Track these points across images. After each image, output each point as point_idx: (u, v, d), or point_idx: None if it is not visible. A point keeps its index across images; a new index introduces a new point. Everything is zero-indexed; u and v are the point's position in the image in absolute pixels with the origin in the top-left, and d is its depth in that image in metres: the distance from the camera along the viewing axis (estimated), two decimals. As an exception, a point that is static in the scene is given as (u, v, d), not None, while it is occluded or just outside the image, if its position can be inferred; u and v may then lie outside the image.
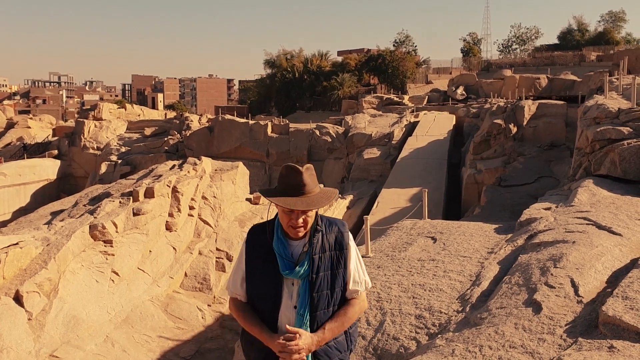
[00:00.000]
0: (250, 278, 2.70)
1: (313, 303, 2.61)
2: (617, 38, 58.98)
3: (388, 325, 5.07)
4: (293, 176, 2.58)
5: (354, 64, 53.05)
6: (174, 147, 30.27)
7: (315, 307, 2.62)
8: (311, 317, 2.62)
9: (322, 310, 2.64)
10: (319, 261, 2.64)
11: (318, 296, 2.62)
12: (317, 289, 2.62)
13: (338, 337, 2.70)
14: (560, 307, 4.14)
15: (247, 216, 12.46)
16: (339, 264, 2.69)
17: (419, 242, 7.59)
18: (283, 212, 2.60)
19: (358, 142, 26.19)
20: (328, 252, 2.67)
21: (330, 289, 2.66)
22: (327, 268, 2.65)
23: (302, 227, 2.60)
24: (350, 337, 2.78)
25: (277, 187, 2.62)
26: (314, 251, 2.63)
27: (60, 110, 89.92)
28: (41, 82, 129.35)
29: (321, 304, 2.64)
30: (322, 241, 2.67)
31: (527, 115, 20.62)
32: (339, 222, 2.81)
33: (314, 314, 2.62)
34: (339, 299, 2.70)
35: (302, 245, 2.65)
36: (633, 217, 6.50)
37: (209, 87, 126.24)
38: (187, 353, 8.24)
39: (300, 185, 2.57)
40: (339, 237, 2.71)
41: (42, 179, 28.10)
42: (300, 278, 2.62)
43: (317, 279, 2.62)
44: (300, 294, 2.61)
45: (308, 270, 2.61)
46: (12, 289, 7.02)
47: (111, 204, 9.56)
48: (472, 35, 67.13)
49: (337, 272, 2.68)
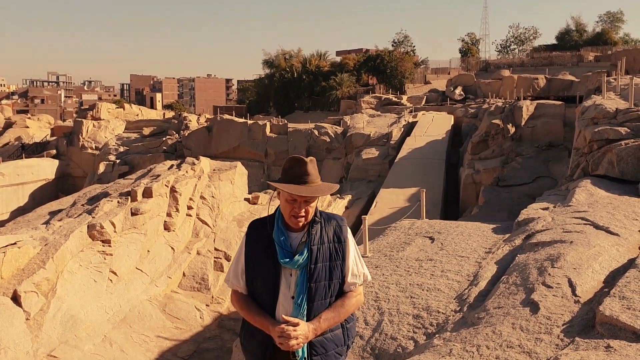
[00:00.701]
0: (249, 269, 2.76)
1: (310, 293, 2.66)
2: (615, 38, 59.03)
3: (386, 325, 5.08)
4: (298, 166, 2.67)
5: (352, 64, 53.03)
6: (172, 147, 30.24)
7: (313, 297, 2.67)
8: (308, 308, 2.66)
9: (319, 300, 2.69)
10: (318, 252, 2.70)
11: (315, 287, 2.67)
12: (315, 280, 2.68)
13: (335, 330, 2.74)
14: (558, 306, 4.15)
15: (246, 216, 12.46)
16: (337, 256, 2.75)
17: (417, 242, 7.60)
18: (286, 202, 2.68)
19: (356, 142, 26.19)
20: (327, 243, 2.74)
21: (327, 280, 2.71)
22: (325, 259, 2.71)
23: (303, 217, 2.68)
24: (348, 332, 2.82)
25: (282, 178, 2.70)
26: (312, 242, 2.70)
27: (59, 110, 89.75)
28: (39, 81, 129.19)
29: (318, 295, 2.68)
30: (320, 233, 2.74)
31: (525, 115, 20.65)
32: (338, 216, 2.89)
33: (311, 304, 2.67)
34: (336, 290, 2.75)
35: (300, 237, 2.72)
36: (630, 217, 6.51)
37: (207, 87, 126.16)
38: (185, 353, 8.24)
39: (304, 174, 2.66)
40: (338, 230, 2.78)
41: (40, 178, 28.05)
42: (298, 268, 2.67)
43: (315, 269, 2.68)
44: (298, 284, 2.67)
45: (307, 260, 2.67)
46: (10, 288, 7.01)
47: (109, 204, 9.56)
48: (471, 35, 67.14)
49: (335, 264, 2.73)
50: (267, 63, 58.39)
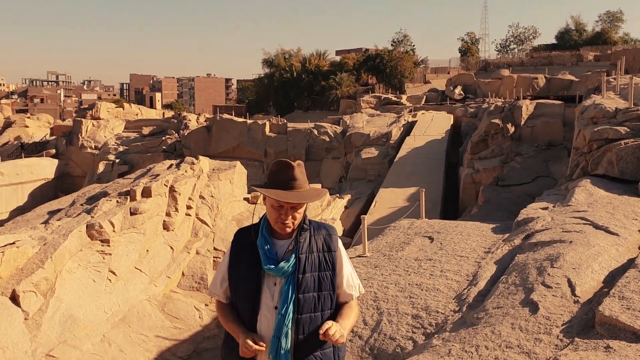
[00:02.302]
0: (231, 277, 2.63)
1: (299, 305, 2.51)
2: (615, 38, 59.08)
3: (385, 325, 5.07)
4: (284, 171, 2.54)
5: (352, 63, 53.02)
6: (171, 146, 30.24)
7: (301, 309, 2.51)
8: (296, 320, 2.50)
9: (308, 313, 2.53)
10: (306, 261, 2.55)
11: (304, 298, 2.52)
12: (303, 290, 2.52)
13: (325, 349, 2.58)
14: (557, 307, 4.14)
15: (245, 215, 12.45)
16: (327, 266, 2.60)
17: (416, 241, 7.59)
18: (272, 207, 2.54)
19: (356, 142, 26.19)
20: (315, 252, 2.59)
21: (317, 292, 2.56)
22: (314, 269, 2.57)
23: (290, 224, 2.54)
24: (338, 352, 2.65)
25: (268, 182, 2.57)
26: (300, 250, 2.56)
27: (58, 110, 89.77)
28: (39, 81, 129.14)
29: (307, 306, 2.52)
30: (309, 241, 2.60)
31: (525, 115, 20.66)
32: (328, 226, 2.75)
33: (298, 316, 2.50)
34: (328, 304, 2.59)
35: (287, 245, 2.58)
36: (630, 217, 6.50)
37: (207, 86, 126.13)
38: (184, 352, 8.23)
39: (291, 179, 2.52)
40: (327, 240, 2.64)
41: (40, 178, 28.05)
42: (283, 276, 2.52)
43: (303, 279, 2.53)
44: (282, 294, 2.50)
45: (294, 267, 2.52)
46: (8, 288, 7.00)
47: (108, 203, 9.54)
48: (470, 35, 67.21)
49: (324, 274, 2.58)
50: (266, 62, 58.39)
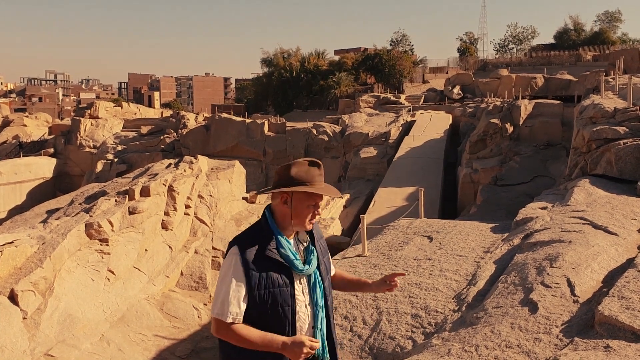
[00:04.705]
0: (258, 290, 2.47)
1: (325, 292, 2.65)
2: (613, 38, 59.22)
3: (384, 325, 5.07)
4: (314, 168, 2.57)
5: (350, 63, 53.04)
6: (170, 145, 30.20)
7: (326, 297, 2.65)
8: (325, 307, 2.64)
9: (329, 297, 2.69)
10: (320, 250, 2.71)
11: (325, 286, 2.66)
12: (323, 280, 2.66)
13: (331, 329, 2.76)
14: (557, 306, 4.14)
15: (244, 215, 12.44)
16: (326, 252, 2.78)
17: (415, 241, 7.59)
18: (308, 207, 2.55)
19: (355, 141, 26.18)
20: (318, 241, 2.73)
21: (327, 275, 2.74)
22: (322, 257, 2.72)
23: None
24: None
25: (297, 181, 2.52)
26: (314, 243, 2.70)
27: (57, 109, 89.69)
28: (37, 80, 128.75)
29: (328, 291, 2.69)
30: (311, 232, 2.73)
31: (524, 114, 20.66)
32: None
33: (327, 303, 2.65)
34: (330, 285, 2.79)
35: (295, 242, 2.62)
36: (629, 217, 6.51)
37: (205, 85, 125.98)
38: (182, 352, 8.22)
39: (321, 175, 2.59)
40: (317, 228, 2.77)
41: (38, 177, 28.01)
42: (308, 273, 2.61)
43: (320, 269, 2.67)
44: (313, 287, 2.60)
45: (316, 260, 2.65)
46: (7, 287, 6.98)
47: (107, 203, 9.52)
48: (469, 34, 67.34)
49: (326, 258, 2.77)
50: (265, 62, 58.38)
